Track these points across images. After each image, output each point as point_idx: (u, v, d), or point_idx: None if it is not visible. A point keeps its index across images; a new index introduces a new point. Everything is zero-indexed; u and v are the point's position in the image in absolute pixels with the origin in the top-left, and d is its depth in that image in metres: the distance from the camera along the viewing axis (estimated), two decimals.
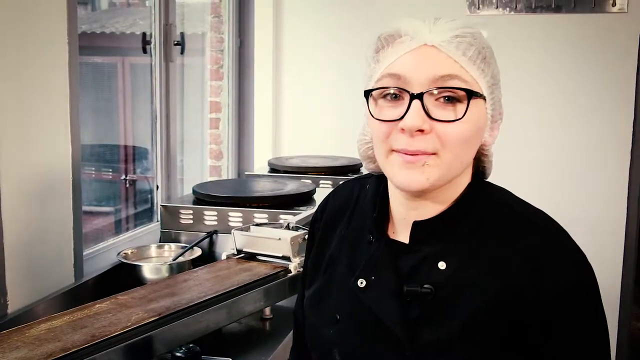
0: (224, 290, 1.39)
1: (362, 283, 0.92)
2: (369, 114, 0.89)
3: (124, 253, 1.81)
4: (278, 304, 1.56)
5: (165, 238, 1.97)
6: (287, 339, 1.47)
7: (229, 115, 2.99)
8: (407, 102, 0.84)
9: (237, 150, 3.04)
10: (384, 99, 0.88)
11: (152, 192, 2.35)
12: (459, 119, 0.84)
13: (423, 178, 0.85)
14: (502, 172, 1.18)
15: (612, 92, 2.82)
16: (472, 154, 0.91)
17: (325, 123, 3.12)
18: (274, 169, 2.68)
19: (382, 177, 0.98)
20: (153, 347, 1.19)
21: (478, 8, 2.90)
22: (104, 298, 1.34)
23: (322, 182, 2.48)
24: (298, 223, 1.67)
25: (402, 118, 0.84)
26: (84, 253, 1.73)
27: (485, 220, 0.90)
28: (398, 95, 0.86)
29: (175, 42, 2.33)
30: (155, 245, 1.91)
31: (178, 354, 1.27)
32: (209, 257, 1.87)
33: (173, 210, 1.97)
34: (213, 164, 2.99)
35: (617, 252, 2.85)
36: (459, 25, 0.87)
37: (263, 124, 3.15)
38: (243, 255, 1.65)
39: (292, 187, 2.12)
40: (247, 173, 2.76)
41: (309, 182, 2.30)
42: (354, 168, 2.61)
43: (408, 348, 0.86)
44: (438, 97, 0.85)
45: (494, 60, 0.90)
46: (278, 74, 3.18)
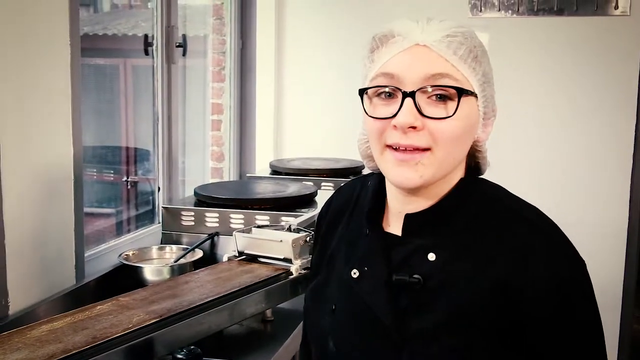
0: (226, 292, 1.39)
1: (355, 274, 0.95)
2: (364, 112, 0.92)
3: (125, 254, 1.81)
4: (279, 306, 1.56)
5: (167, 240, 1.97)
6: (288, 341, 1.47)
7: (231, 117, 2.99)
8: (400, 100, 0.87)
9: (238, 152, 3.04)
10: (378, 98, 0.91)
11: (153, 193, 2.35)
12: (450, 117, 0.87)
13: (417, 176, 0.88)
14: (503, 173, 1.18)
15: (614, 94, 2.81)
16: (464, 151, 0.93)
17: (327, 125, 3.12)
18: (276, 171, 2.68)
19: (382, 174, 1.00)
20: (154, 348, 1.19)
21: (480, 11, 2.90)
22: (105, 299, 1.34)
23: (323, 184, 2.48)
24: (300, 225, 1.66)
25: (395, 115, 0.87)
26: (85, 254, 1.73)
27: (477, 215, 0.92)
28: (392, 94, 0.89)
29: (177, 44, 2.33)
30: (157, 247, 1.91)
31: (179, 356, 1.27)
32: (211, 259, 1.87)
33: (174, 212, 1.97)
34: (215, 166, 2.99)
35: (619, 254, 2.84)
36: (451, 25, 0.90)
37: (265, 126, 3.15)
38: (244, 257, 1.64)
39: (293, 189, 2.12)
40: (248, 175, 2.77)
41: (311, 184, 2.30)
42: (356, 170, 2.61)
43: (396, 336, 0.89)
44: (430, 95, 0.87)
45: (486, 59, 0.92)
46: (280, 76, 3.18)
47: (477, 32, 1.01)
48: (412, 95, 0.86)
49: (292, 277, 1.53)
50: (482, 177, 1.00)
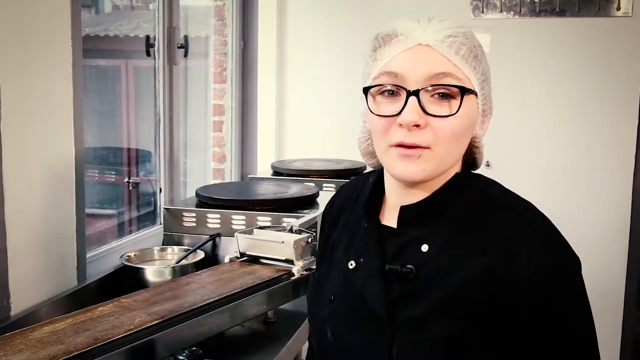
0: (227, 294, 1.39)
1: (352, 265, 0.99)
2: (368, 110, 0.94)
3: (127, 256, 1.81)
4: (281, 307, 1.56)
5: (168, 241, 1.97)
6: (290, 342, 1.47)
7: (233, 118, 2.99)
8: (404, 98, 0.89)
9: (240, 153, 3.04)
10: (382, 96, 0.93)
11: (155, 194, 2.35)
12: (453, 114, 0.89)
13: (419, 169, 0.91)
14: (505, 173, 1.18)
15: (616, 95, 2.81)
16: (464, 147, 0.95)
17: (329, 126, 3.12)
18: (277, 172, 2.68)
19: (382, 171, 1.02)
20: (156, 350, 1.19)
21: (482, 12, 2.90)
22: (107, 301, 1.34)
23: (325, 185, 2.48)
24: (301, 226, 1.66)
25: (399, 113, 0.89)
26: (87, 256, 1.73)
27: (470, 208, 0.94)
28: (395, 92, 0.91)
29: (179, 45, 2.33)
30: (158, 248, 1.91)
31: (181, 357, 1.27)
32: (212, 260, 1.87)
33: (176, 213, 1.97)
34: (216, 167, 2.99)
35: (620, 255, 2.84)
36: (452, 25, 0.92)
37: (266, 127, 3.15)
38: (246, 258, 1.64)
39: (295, 190, 2.12)
40: (250, 176, 2.76)
41: (312, 185, 2.29)
42: (357, 171, 2.60)
43: (387, 324, 0.91)
44: (433, 93, 0.90)
45: (485, 58, 0.95)
46: (281, 77, 3.19)
47: (478, 33, 1.03)
48: (416, 94, 0.89)
49: (293, 278, 1.53)
50: (478, 172, 1.02)
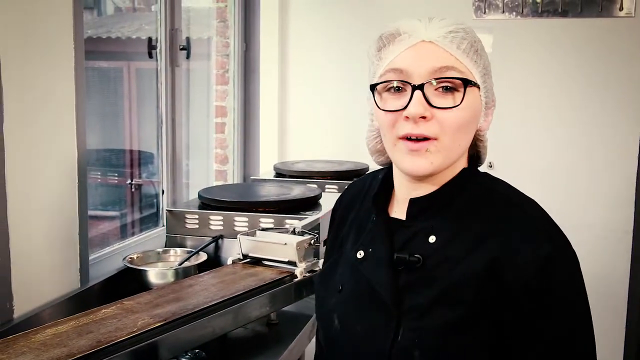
0: (230, 296, 1.39)
1: (360, 254, 1.03)
2: (376, 106, 0.99)
3: (130, 258, 1.81)
4: (284, 309, 1.55)
5: (171, 243, 1.97)
6: (293, 344, 1.46)
7: (235, 120, 2.99)
8: (409, 93, 0.94)
9: (242, 155, 3.04)
10: (388, 92, 0.98)
11: (157, 196, 2.35)
12: (457, 106, 0.94)
13: (427, 163, 0.95)
14: (507, 174, 1.19)
15: (618, 95, 2.81)
16: (469, 139, 1.00)
17: (331, 127, 3.12)
18: (280, 174, 2.68)
19: (392, 168, 1.07)
20: (159, 352, 1.19)
21: (484, 12, 2.89)
22: (110, 303, 1.34)
23: (327, 186, 2.48)
24: (304, 228, 1.66)
25: (406, 107, 0.94)
26: (90, 258, 1.73)
27: (475, 202, 0.99)
28: (401, 88, 0.96)
29: (181, 46, 2.33)
30: (161, 250, 1.91)
31: None
32: (215, 262, 1.87)
33: (179, 215, 1.97)
34: (219, 169, 2.99)
35: (624, 256, 2.83)
36: (452, 22, 0.97)
37: (269, 128, 3.15)
38: (249, 260, 1.64)
39: (297, 191, 2.12)
40: (252, 178, 2.76)
41: (315, 186, 2.29)
42: (360, 172, 2.60)
43: (393, 311, 0.95)
44: (437, 87, 0.95)
45: (485, 53, 1.00)
46: (283, 78, 3.18)
47: (480, 34, 1.04)
48: (421, 88, 0.93)
49: (296, 280, 1.53)
50: (486, 171, 1.07)
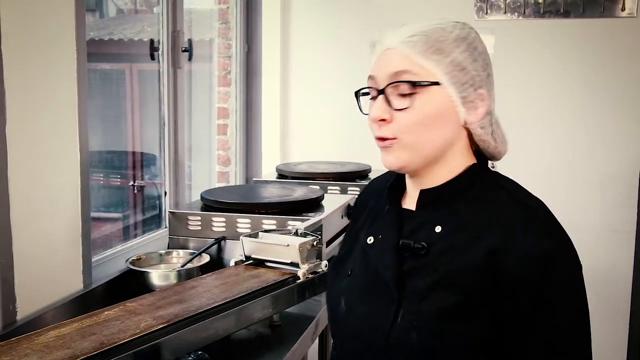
0: (233, 297, 1.39)
1: (370, 240, 1.10)
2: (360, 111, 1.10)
3: (132, 259, 1.81)
4: (287, 311, 1.55)
5: (174, 244, 1.97)
6: (295, 346, 1.46)
7: (237, 121, 2.99)
8: (377, 97, 1.03)
9: (245, 156, 3.05)
10: (368, 97, 1.07)
11: (160, 198, 2.35)
12: (408, 108, 1.00)
13: (394, 158, 1.03)
14: (509, 175, 1.19)
15: (621, 96, 2.81)
16: (441, 134, 1.02)
17: (333, 129, 3.12)
18: (282, 175, 2.68)
19: None
20: (162, 354, 1.19)
21: (486, 13, 2.89)
22: (113, 305, 1.34)
23: (330, 188, 2.47)
24: (306, 229, 1.66)
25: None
26: (93, 259, 1.73)
27: (482, 197, 1.03)
28: (372, 94, 1.06)
29: (183, 48, 2.33)
30: (164, 252, 1.91)
31: None
32: (217, 263, 1.87)
33: (181, 217, 1.97)
34: (221, 170, 2.99)
35: (627, 256, 2.82)
36: (420, 26, 1.02)
37: (271, 130, 3.15)
38: (251, 262, 1.64)
39: (300, 193, 2.11)
40: (255, 179, 2.76)
41: (317, 188, 2.29)
42: (362, 174, 2.60)
43: (395, 293, 1.00)
44: (397, 91, 1.01)
45: (460, 48, 1.01)
46: (286, 80, 3.19)
47: (482, 34, 1.04)
48: (382, 93, 1.01)
49: (299, 281, 1.53)
50: (497, 170, 1.11)
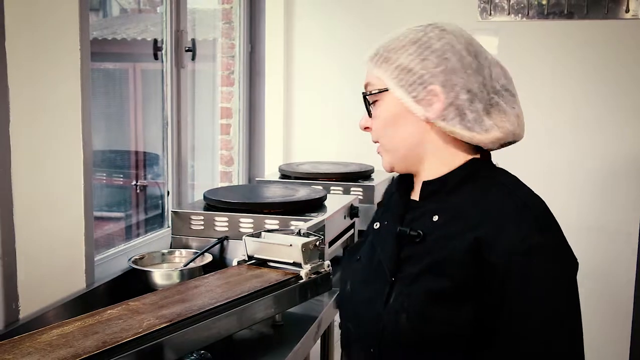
0: (235, 297, 1.39)
1: (376, 225, 1.20)
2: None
3: (135, 259, 1.81)
4: (289, 311, 1.55)
5: (176, 244, 1.97)
6: (298, 346, 1.46)
7: (240, 121, 3.00)
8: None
9: (247, 156, 3.05)
10: None
11: (162, 197, 2.35)
12: (374, 115, 1.14)
13: (384, 161, 1.17)
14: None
15: (625, 97, 2.80)
16: (408, 134, 1.11)
17: (337, 129, 3.12)
18: (285, 175, 2.68)
19: None
20: (164, 353, 1.19)
21: (490, 14, 2.89)
22: (115, 304, 1.34)
23: (333, 188, 2.47)
24: (309, 229, 1.66)
25: None
26: (95, 259, 1.73)
27: (480, 190, 1.08)
28: None
29: (186, 48, 2.33)
30: (166, 251, 1.91)
31: None
32: (220, 263, 1.87)
33: (184, 216, 1.97)
34: (224, 170, 2.99)
35: (630, 258, 2.82)
36: (382, 40, 1.10)
37: (274, 130, 3.15)
38: (254, 262, 1.64)
39: (303, 193, 2.11)
40: (257, 179, 2.76)
41: (320, 188, 2.29)
42: (365, 174, 2.60)
43: (389, 277, 1.08)
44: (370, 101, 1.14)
45: (406, 51, 1.07)
46: (289, 80, 3.19)
47: (486, 36, 1.04)
48: (365, 104, 1.14)
49: (301, 281, 1.53)
50: (501, 167, 1.15)
